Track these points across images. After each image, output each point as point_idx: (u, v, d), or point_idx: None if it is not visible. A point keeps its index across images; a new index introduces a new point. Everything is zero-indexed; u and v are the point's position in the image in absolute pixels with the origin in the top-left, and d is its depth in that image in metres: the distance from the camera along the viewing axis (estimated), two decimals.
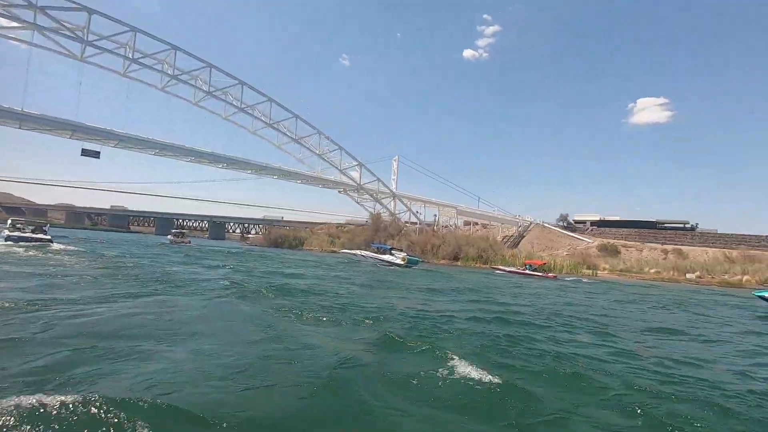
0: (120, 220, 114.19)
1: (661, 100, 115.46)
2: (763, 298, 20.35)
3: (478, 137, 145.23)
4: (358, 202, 70.23)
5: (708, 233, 60.65)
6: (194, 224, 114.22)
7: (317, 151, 64.17)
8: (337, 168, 65.98)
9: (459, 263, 47.74)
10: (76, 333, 5.66)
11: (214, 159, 60.23)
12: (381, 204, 69.60)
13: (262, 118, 60.46)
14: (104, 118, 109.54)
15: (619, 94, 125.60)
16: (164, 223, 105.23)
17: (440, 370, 5.23)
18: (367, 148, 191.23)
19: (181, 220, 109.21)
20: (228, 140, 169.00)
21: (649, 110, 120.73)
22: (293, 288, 12.61)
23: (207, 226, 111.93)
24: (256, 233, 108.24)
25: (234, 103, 58.12)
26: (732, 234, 57.45)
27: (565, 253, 54.97)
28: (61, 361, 4.55)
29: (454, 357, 5.67)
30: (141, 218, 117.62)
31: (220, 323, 7.12)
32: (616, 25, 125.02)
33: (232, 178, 67.90)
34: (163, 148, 55.70)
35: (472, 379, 4.95)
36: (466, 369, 5.25)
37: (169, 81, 53.81)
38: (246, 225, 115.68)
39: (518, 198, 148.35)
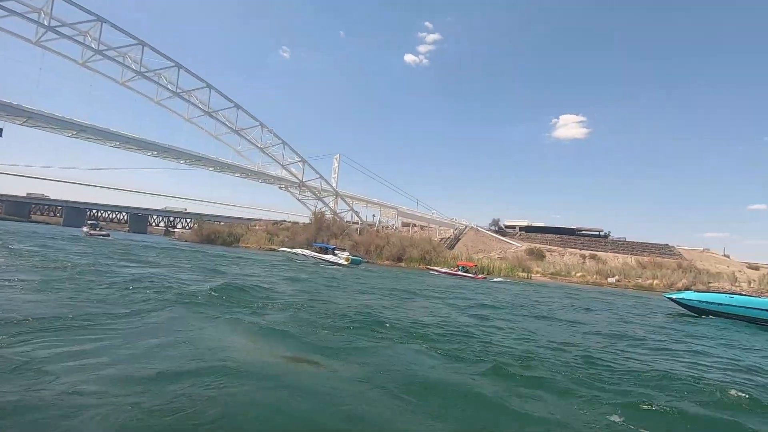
0: (19, 208, 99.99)
1: (580, 117, 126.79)
2: (672, 299, 22.84)
3: (415, 141, 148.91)
4: (299, 200, 68.58)
5: (618, 241, 67.90)
6: (111, 216, 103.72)
7: (259, 145, 61.63)
8: (279, 163, 63.86)
9: (403, 264, 48.57)
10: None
11: (142, 146, 55.18)
12: (323, 202, 68.59)
13: (200, 105, 56.71)
14: (12, 92, 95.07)
15: (546, 109, 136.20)
16: (74, 213, 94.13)
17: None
18: (306, 144, 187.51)
19: (95, 211, 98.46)
20: (160, 127, 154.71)
21: (569, 126, 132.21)
22: (291, 298, 11.60)
23: (126, 218, 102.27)
24: (183, 227, 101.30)
25: (168, 86, 53.84)
26: (638, 242, 64.98)
27: (497, 256, 58.19)
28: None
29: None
30: (45, 207, 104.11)
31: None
32: (545, 45, 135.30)
33: (161, 167, 63.15)
34: (82, 130, 49.82)
35: None
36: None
37: (92, 56, 48.43)
38: (171, 218, 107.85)
39: (453, 201, 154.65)
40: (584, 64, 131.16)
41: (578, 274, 46.17)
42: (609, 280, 44.33)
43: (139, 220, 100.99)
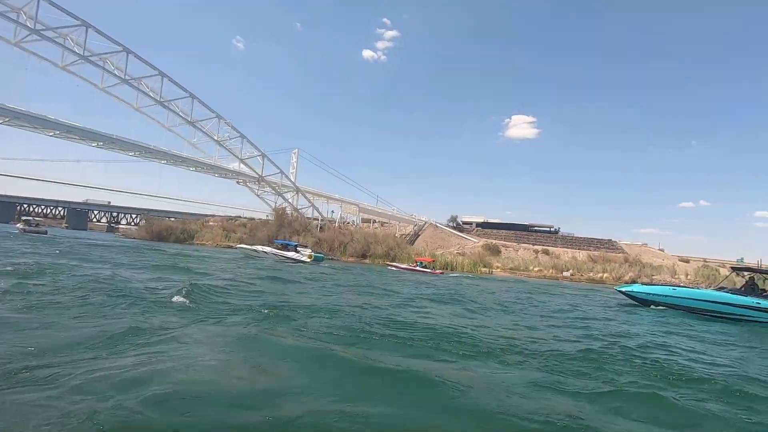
0: None
1: (531, 118, 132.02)
2: (621, 292, 24.74)
3: (373, 137, 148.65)
4: (258, 195, 66.65)
5: (567, 236, 72.28)
6: (46, 211, 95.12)
7: (215, 137, 59.05)
8: (237, 157, 61.57)
9: (368, 261, 48.79)
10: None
11: (86, 136, 51.05)
12: (283, 198, 67.14)
13: (151, 93, 53.30)
14: None
15: (499, 108, 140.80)
16: (1, 207, 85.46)
17: None
18: (262, 138, 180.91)
19: (26, 206, 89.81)
20: (107, 116, 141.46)
21: (520, 126, 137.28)
22: (293, 299, 11.33)
23: (64, 213, 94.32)
24: (128, 224, 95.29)
25: (115, 72, 50.15)
26: (585, 237, 69.62)
27: (456, 251, 59.96)
28: None
29: None
30: None
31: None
32: (502, 47, 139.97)
33: (105, 159, 58.90)
34: (16, 117, 45.23)
35: None
36: None
37: (27, 35, 44.07)
38: (115, 214, 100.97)
39: (411, 197, 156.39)
40: (535, 65, 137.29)
41: (536, 269, 48.80)
42: (564, 274, 47.32)
43: (78, 215, 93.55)
